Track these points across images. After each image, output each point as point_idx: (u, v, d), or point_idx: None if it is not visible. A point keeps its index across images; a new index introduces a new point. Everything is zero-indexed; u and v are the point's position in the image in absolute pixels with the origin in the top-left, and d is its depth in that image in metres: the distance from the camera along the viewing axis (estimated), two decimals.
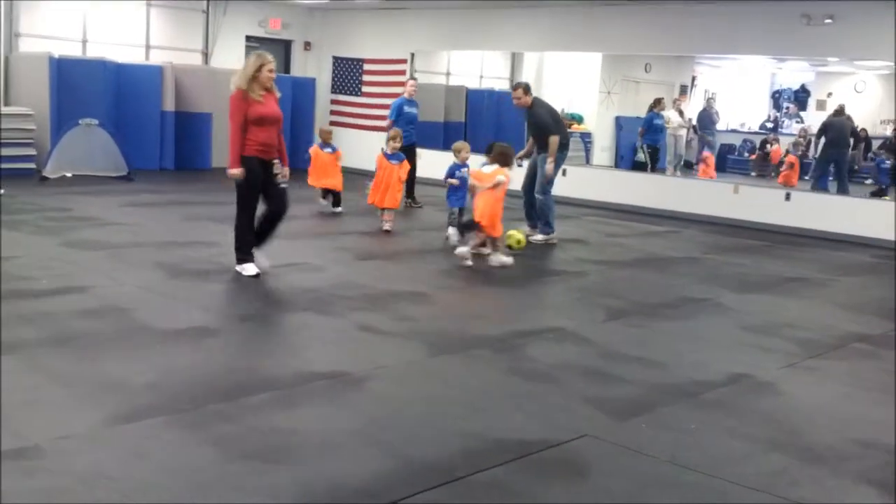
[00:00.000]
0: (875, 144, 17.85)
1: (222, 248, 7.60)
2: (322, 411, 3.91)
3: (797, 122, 18.85)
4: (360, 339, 5.15)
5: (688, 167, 17.07)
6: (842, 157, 13.13)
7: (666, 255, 9.12)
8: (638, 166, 15.30)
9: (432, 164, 14.73)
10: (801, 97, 20.43)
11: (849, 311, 6.87)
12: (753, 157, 18.23)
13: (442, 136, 16.17)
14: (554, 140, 8.92)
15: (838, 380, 5.01)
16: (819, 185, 13.06)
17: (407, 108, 11.59)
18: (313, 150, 10.46)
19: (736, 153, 18.57)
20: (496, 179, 7.65)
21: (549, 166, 8.97)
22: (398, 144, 9.65)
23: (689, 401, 4.42)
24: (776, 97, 21.22)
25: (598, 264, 8.51)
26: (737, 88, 20.06)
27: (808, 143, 16.11)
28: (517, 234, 8.56)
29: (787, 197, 11.60)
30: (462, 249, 7.64)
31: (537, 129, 9.07)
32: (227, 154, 6.24)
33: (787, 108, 20.79)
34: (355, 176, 15.19)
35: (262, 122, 6.18)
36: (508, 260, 7.68)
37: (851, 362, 5.39)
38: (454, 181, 8.73)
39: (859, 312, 6.80)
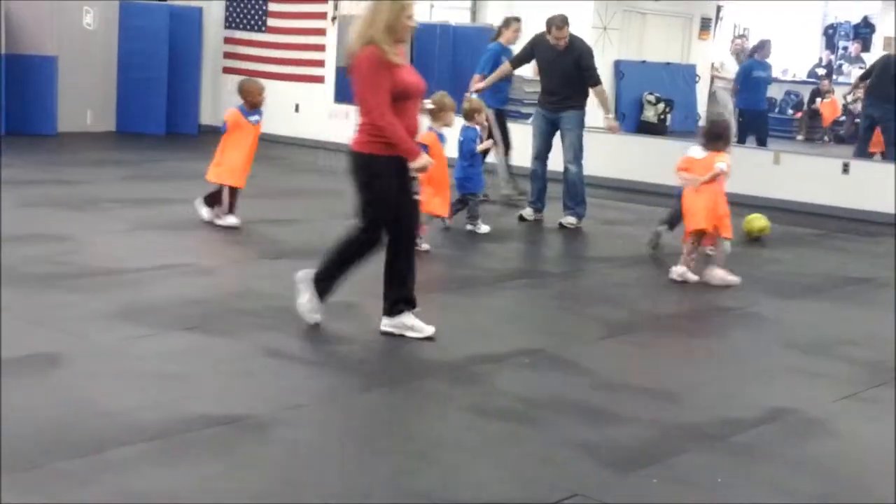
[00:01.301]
0: None
1: (74, 242, 7.49)
2: (211, 469, 3.87)
3: (860, 67, 19.17)
4: (265, 368, 5.12)
5: None
6: (884, 112, 13.05)
7: (682, 248, 9.23)
8: (645, 128, 15.44)
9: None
10: (863, 33, 20.77)
11: None
12: (799, 114, 18.54)
13: None
14: (604, 90, 9.84)
15: None
16: (859, 152, 13.06)
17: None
18: (232, 116, 8.88)
19: (776, 109, 18.82)
20: (716, 168, 7.70)
21: (614, 123, 10.12)
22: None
23: (715, 446, 4.46)
24: (830, 34, 21.58)
25: (592, 262, 8.57)
26: (777, 22, 20.31)
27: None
28: (760, 220, 9.07)
29: (845, 168, 11.78)
30: (679, 270, 7.68)
31: (568, 78, 9.53)
32: (373, 144, 5.43)
33: (845, 48, 21.16)
34: (265, 143, 15.13)
35: (406, 96, 5.50)
36: (735, 279, 7.67)
37: None
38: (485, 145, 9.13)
39: None
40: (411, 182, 5.64)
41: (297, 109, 15.87)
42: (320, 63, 15.62)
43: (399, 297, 5.72)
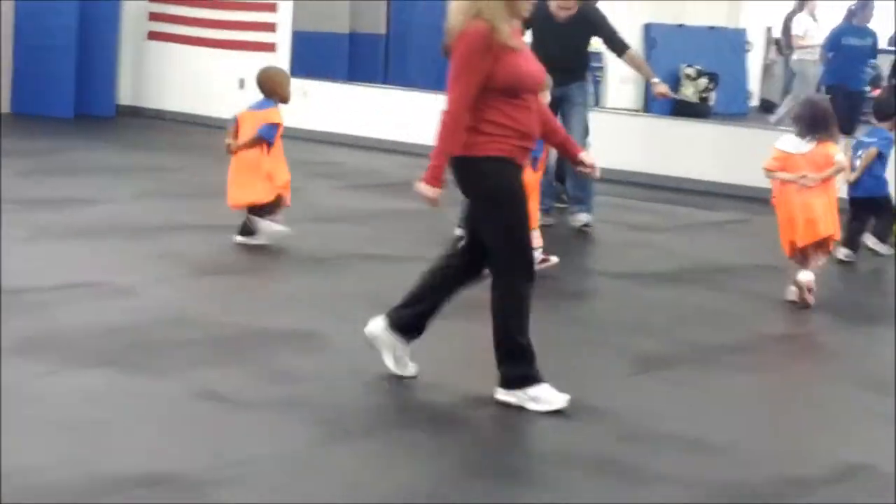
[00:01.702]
0: None
1: None
2: None
3: None
4: (201, 415, 5.11)
5: (766, 110, 17.34)
6: None
7: (729, 261, 9.25)
8: (682, 110, 15.45)
9: (327, 108, 14.74)
10: None
11: None
12: (877, 92, 18.55)
13: (347, 59, 16.17)
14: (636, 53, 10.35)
15: None
16: None
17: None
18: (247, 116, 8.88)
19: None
20: (838, 162, 7.68)
21: (664, 86, 10.47)
22: None
23: None
24: None
25: (616, 278, 8.56)
26: None
27: None
28: None
29: None
30: (807, 276, 7.61)
31: (574, 49, 9.73)
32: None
33: None
34: (200, 129, 15.13)
35: (520, 90, 5.35)
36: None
37: None
38: None
39: None
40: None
41: (241, 85, 15.83)
42: (270, 27, 15.62)
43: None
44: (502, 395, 5.37)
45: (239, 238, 8.48)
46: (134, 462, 4.47)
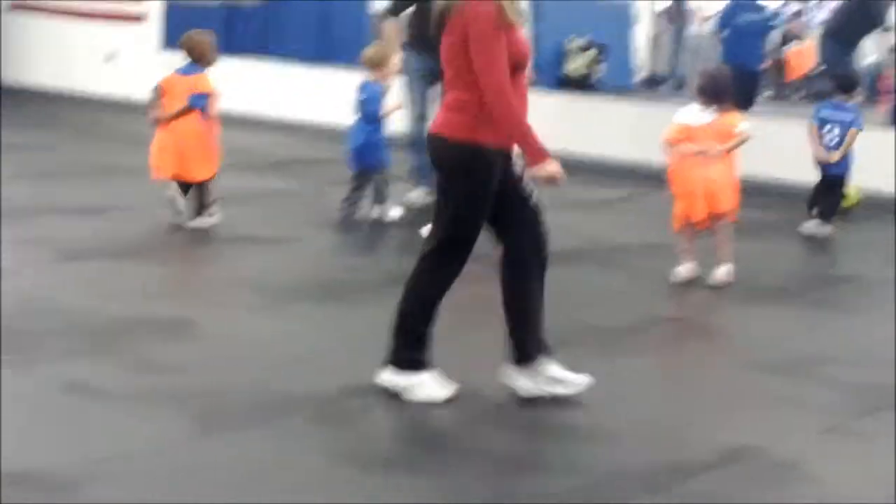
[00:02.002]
0: None
1: None
2: None
3: None
4: (69, 408, 5.06)
5: (653, 84, 17.50)
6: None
7: (620, 240, 9.37)
8: (569, 84, 15.54)
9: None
10: None
11: None
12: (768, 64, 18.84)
13: (222, 31, 15.97)
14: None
15: None
16: None
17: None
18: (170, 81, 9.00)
19: None
20: (741, 132, 7.76)
21: None
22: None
23: (660, 497, 4.51)
24: None
25: None
26: None
27: None
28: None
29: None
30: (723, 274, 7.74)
31: None
32: (462, 132, 5.24)
33: None
34: (66, 105, 14.86)
35: (520, 67, 5.40)
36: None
37: None
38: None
39: None
40: (521, 185, 5.45)
41: (109, 58, 15.65)
42: None
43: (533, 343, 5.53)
44: (388, 375, 5.38)
45: (193, 223, 8.54)
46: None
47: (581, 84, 15.35)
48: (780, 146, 11.82)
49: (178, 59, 13.01)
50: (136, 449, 4.66)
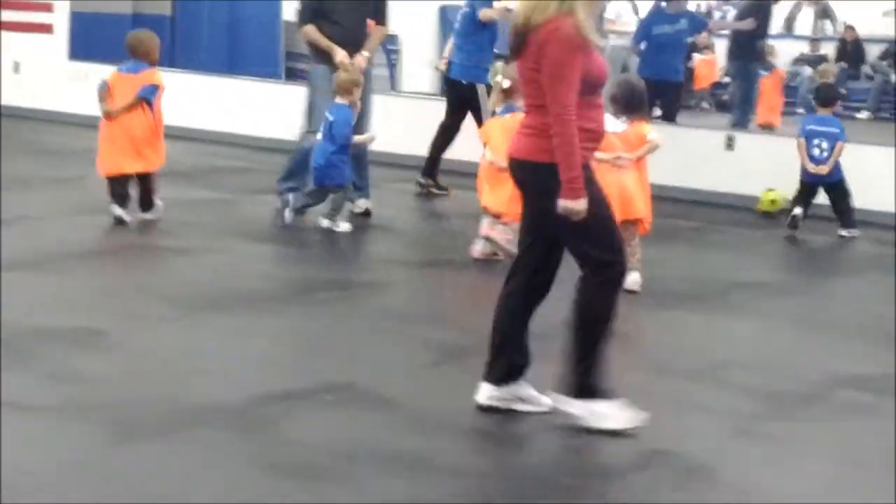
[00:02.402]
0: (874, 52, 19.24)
1: None
2: None
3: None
4: None
5: None
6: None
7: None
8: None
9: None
10: None
11: (834, 335, 7.34)
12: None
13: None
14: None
15: (820, 454, 5.31)
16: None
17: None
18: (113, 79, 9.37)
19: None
20: (651, 141, 7.92)
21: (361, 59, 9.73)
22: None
23: (573, 501, 4.54)
24: None
25: (421, 267, 8.61)
26: None
27: None
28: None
29: (730, 143, 12.22)
30: (633, 278, 7.76)
31: (365, 24, 9.85)
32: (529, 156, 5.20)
33: None
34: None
35: (599, 86, 5.35)
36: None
37: (838, 423, 5.72)
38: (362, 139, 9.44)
39: (850, 338, 7.26)
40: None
41: (16, 69, 15.46)
42: (47, 7, 15.25)
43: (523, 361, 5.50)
44: (567, 404, 5.32)
45: (147, 215, 8.97)
46: None
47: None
48: (688, 153, 11.99)
49: (85, 69, 12.95)
50: (45, 461, 4.61)
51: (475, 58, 11.28)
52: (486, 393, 5.42)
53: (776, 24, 17.90)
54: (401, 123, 12.68)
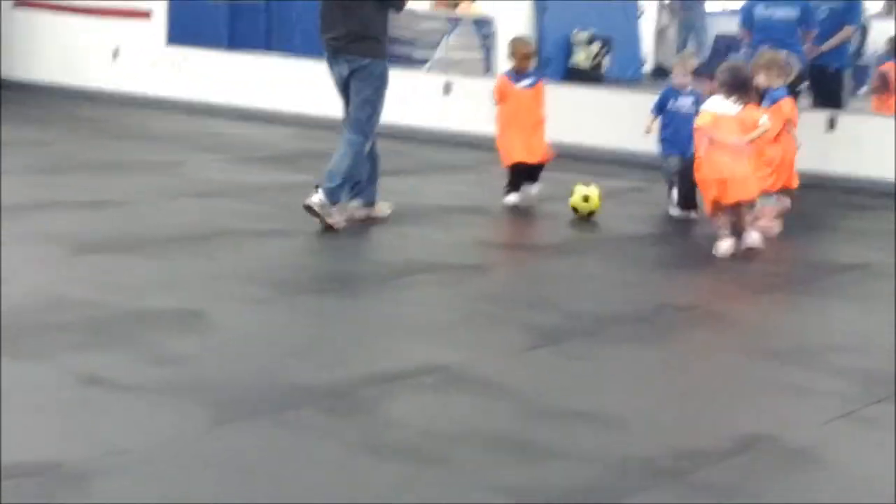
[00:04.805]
0: None
1: None
2: None
3: None
4: (82, 400, 5.07)
5: (659, 75, 17.51)
6: None
7: (627, 229, 9.38)
8: (575, 75, 15.56)
9: (206, 77, 14.59)
10: None
11: None
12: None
13: (227, 26, 16.04)
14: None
15: None
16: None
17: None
18: (498, 85, 10.22)
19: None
20: (762, 125, 8.24)
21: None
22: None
23: (673, 485, 4.52)
24: None
25: (511, 250, 8.61)
26: None
27: None
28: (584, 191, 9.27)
29: (831, 124, 12.05)
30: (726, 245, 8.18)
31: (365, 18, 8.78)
32: None
33: None
34: (72, 102, 14.90)
35: None
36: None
37: None
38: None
39: None
40: None
41: (115, 55, 15.65)
42: None
43: None
44: None
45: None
46: (8, 451, 4.40)
47: (588, 76, 15.37)
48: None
49: (182, 53, 13.06)
50: (150, 440, 4.67)
51: None
52: None
53: None
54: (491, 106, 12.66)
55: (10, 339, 5.72)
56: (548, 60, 15.53)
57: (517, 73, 9.89)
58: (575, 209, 9.28)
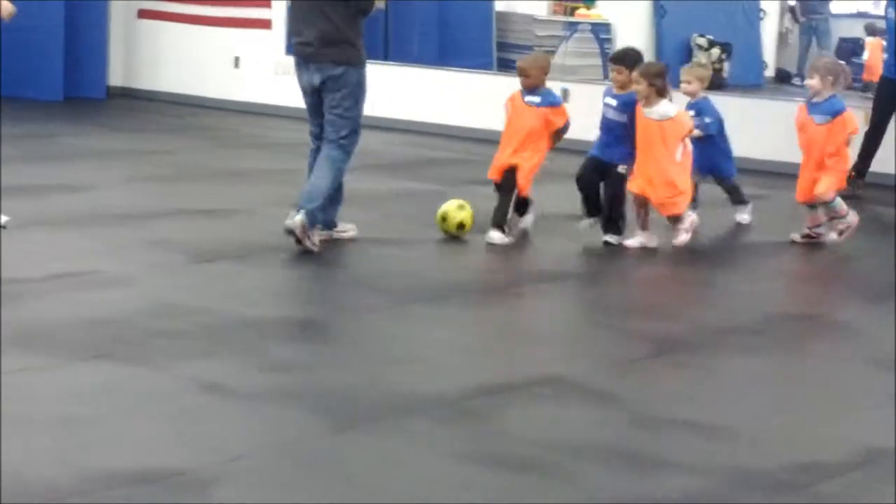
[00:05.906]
0: None
1: None
2: None
3: None
4: (199, 407, 5.13)
5: (781, 80, 17.36)
6: None
7: (746, 239, 9.33)
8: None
9: None
10: None
11: None
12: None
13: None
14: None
15: None
16: None
17: None
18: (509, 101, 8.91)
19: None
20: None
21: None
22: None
23: (791, 498, 4.47)
24: None
25: (634, 258, 8.57)
26: None
27: None
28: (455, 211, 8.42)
29: None
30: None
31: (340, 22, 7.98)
32: None
33: None
34: (194, 110, 15.14)
35: None
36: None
37: None
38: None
39: None
40: None
41: (236, 64, 15.85)
42: (266, 2, 15.58)
43: None
44: None
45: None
46: (129, 458, 4.48)
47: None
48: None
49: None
50: (263, 447, 4.71)
51: None
52: None
53: None
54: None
55: (126, 345, 5.82)
56: (668, 66, 15.42)
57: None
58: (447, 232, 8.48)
